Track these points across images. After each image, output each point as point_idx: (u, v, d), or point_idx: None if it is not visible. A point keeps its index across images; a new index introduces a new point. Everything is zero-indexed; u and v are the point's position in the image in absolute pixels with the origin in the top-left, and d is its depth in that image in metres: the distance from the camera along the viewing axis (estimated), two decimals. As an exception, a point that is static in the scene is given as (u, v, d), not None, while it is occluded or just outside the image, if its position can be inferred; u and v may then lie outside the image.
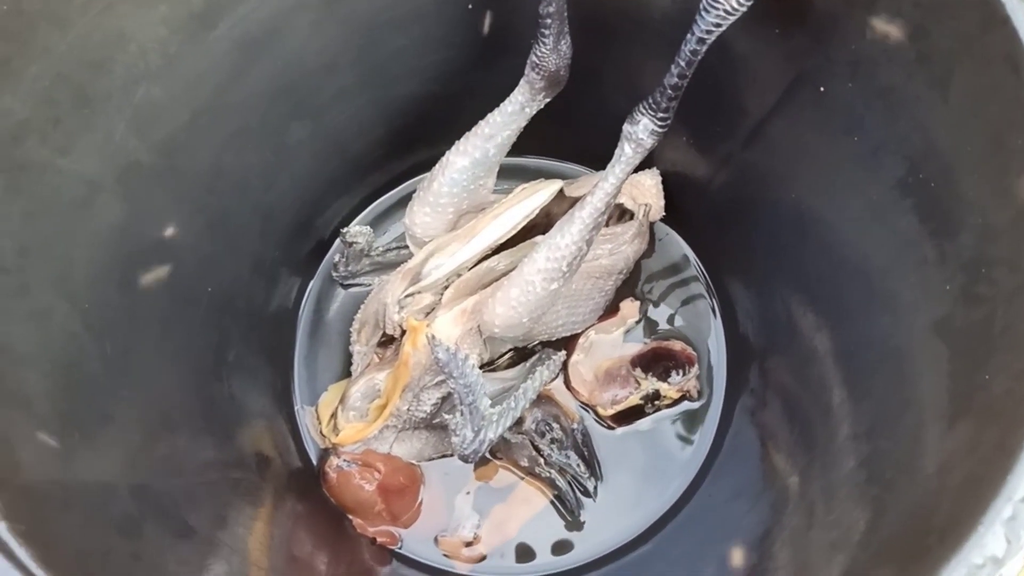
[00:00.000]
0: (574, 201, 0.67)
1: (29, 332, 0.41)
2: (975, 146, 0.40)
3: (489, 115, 0.60)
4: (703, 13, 0.46)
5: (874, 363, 0.49)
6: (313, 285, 0.72)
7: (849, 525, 0.41)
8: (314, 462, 0.68)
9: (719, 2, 0.46)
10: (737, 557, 0.50)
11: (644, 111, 0.53)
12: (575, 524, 0.65)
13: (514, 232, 0.63)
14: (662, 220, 0.71)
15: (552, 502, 0.66)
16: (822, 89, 0.50)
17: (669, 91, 0.51)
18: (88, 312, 0.46)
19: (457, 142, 0.61)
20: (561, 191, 0.66)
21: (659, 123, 0.53)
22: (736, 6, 0.45)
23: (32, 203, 0.43)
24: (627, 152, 0.55)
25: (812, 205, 0.58)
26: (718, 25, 0.47)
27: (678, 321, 0.70)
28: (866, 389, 0.48)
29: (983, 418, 0.36)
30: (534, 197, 0.63)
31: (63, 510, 0.37)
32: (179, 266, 0.55)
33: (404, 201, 0.74)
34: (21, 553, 0.32)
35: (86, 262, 0.46)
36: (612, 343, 0.69)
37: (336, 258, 0.71)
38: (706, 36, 0.47)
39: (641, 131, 0.54)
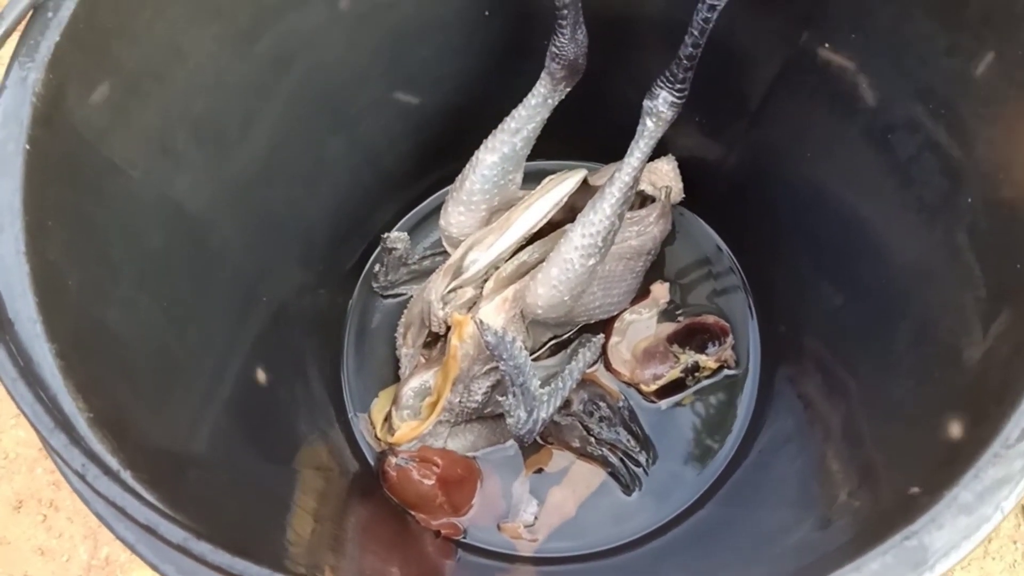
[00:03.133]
0: (596, 191, 0.70)
1: (122, 317, 0.44)
2: (980, 63, 0.44)
3: (514, 111, 0.64)
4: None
5: (903, 294, 0.52)
6: (355, 297, 0.75)
7: (905, 422, 0.43)
8: (372, 466, 0.70)
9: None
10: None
11: (662, 85, 0.57)
12: (633, 497, 0.67)
13: (546, 220, 0.66)
14: (681, 204, 0.74)
15: (607, 479, 0.68)
16: (827, 45, 0.54)
17: (685, 62, 0.55)
18: (167, 308, 0.49)
19: (485, 140, 0.65)
20: (585, 181, 0.69)
21: (677, 94, 0.57)
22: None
23: (112, 204, 0.46)
24: (649, 126, 0.59)
25: (822, 170, 0.62)
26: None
27: (707, 297, 0.73)
28: (900, 313, 0.51)
29: (1021, 300, 0.39)
30: (562, 185, 0.67)
31: (171, 465, 0.39)
32: (239, 273, 0.59)
33: (434, 212, 0.78)
34: (151, 497, 0.34)
35: (158, 260, 0.50)
36: (646, 323, 0.72)
37: (376, 268, 0.74)
38: (716, 3, 0.51)
39: (661, 104, 0.57)
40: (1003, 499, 0.33)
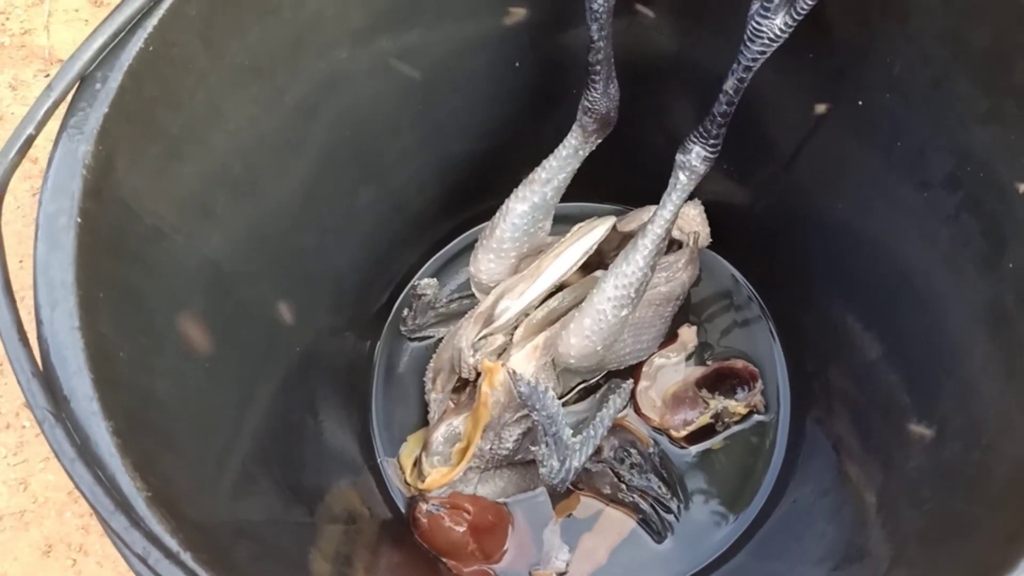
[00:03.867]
0: (624, 236, 0.70)
1: (169, 386, 0.44)
2: (1019, 132, 0.44)
3: (544, 161, 0.64)
4: (747, 43, 0.51)
5: (948, 352, 0.52)
6: (383, 341, 0.75)
7: (958, 490, 0.43)
8: (403, 511, 0.70)
9: (762, 31, 0.50)
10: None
11: (695, 140, 0.57)
12: (664, 544, 0.67)
13: (575, 268, 0.67)
14: (708, 248, 0.75)
15: (638, 525, 0.68)
16: (860, 103, 0.55)
17: (719, 118, 0.55)
18: (209, 370, 0.49)
19: (516, 189, 0.65)
20: (613, 227, 0.69)
21: (710, 150, 0.57)
22: (779, 33, 0.50)
23: (156, 271, 0.46)
24: (682, 180, 0.59)
25: (858, 216, 0.62)
26: (762, 53, 0.51)
27: (735, 341, 0.73)
28: (946, 371, 0.51)
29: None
30: (592, 233, 0.67)
31: (223, 538, 0.39)
32: (272, 324, 0.59)
33: (460, 254, 0.78)
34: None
35: (200, 323, 0.50)
36: (675, 368, 0.72)
37: (404, 312, 0.75)
38: (752, 64, 0.52)
39: (694, 158, 0.58)
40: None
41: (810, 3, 0.48)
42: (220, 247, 0.53)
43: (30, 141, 0.41)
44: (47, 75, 0.83)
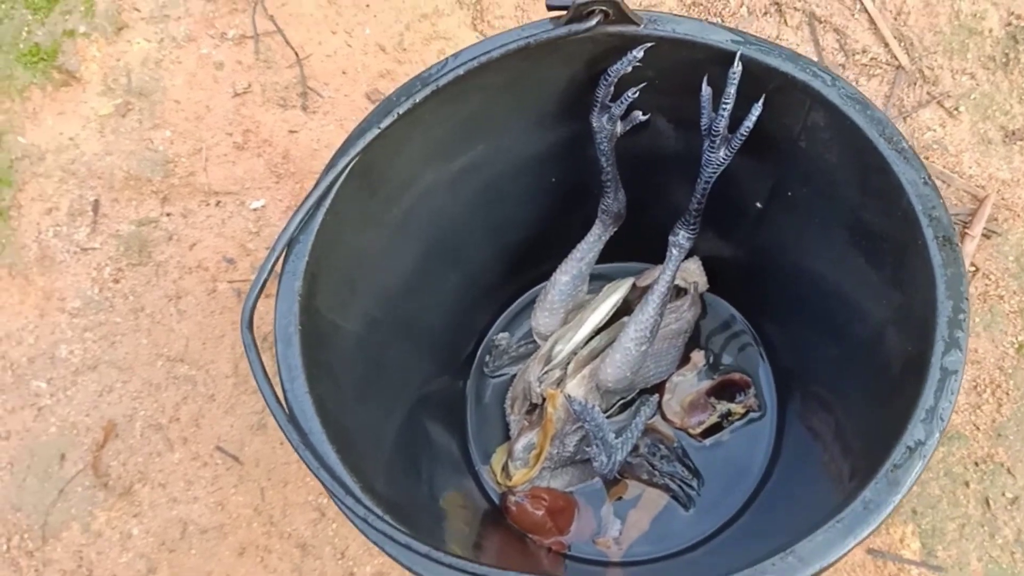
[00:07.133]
0: (643, 289, 0.96)
1: (351, 421, 0.71)
2: (881, 207, 0.68)
3: (578, 244, 0.89)
4: (703, 168, 0.76)
5: (865, 353, 0.77)
6: (471, 380, 1.02)
7: (875, 436, 0.68)
8: (496, 503, 0.96)
9: (711, 161, 0.75)
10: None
11: (680, 227, 0.83)
12: (690, 512, 0.92)
13: (607, 318, 0.92)
14: (709, 291, 0.99)
15: (670, 501, 0.92)
16: (789, 194, 0.80)
17: (693, 212, 0.81)
18: (369, 408, 0.76)
19: (560, 264, 0.91)
20: (633, 284, 0.95)
21: (691, 232, 0.82)
22: (722, 160, 0.75)
23: (335, 349, 0.73)
24: (674, 253, 0.84)
25: (806, 263, 0.86)
26: (714, 173, 0.76)
27: (733, 359, 0.98)
28: (865, 365, 0.75)
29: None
30: (617, 292, 0.93)
31: (404, 509, 0.66)
32: (399, 373, 0.85)
33: (522, 311, 1.04)
34: (406, 530, 0.61)
35: (359, 380, 0.77)
36: (689, 383, 0.97)
37: (486, 358, 1.01)
38: (709, 179, 0.77)
39: (681, 239, 0.83)
40: (914, 472, 0.58)
41: (738, 144, 0.73)
42: (359, 325, 0.79)
43: (265, 283, 0.69)
44: (207, 203, 1.12)
